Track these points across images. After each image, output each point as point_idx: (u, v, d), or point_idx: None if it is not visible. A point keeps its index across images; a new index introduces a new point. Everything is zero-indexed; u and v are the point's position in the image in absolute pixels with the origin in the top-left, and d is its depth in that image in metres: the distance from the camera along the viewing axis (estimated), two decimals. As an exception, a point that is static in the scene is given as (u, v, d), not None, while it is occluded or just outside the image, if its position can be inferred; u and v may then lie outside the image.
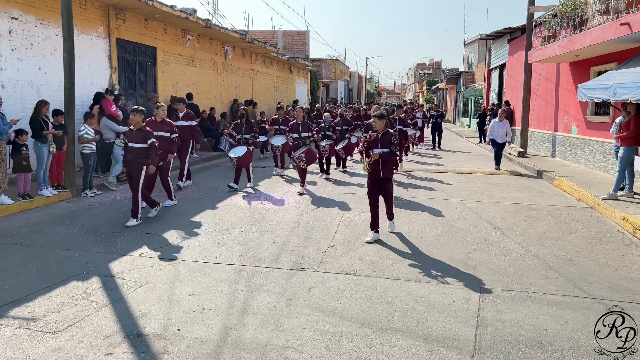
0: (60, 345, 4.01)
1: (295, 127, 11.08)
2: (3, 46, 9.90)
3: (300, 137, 10.93)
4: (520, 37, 19.72)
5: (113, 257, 6.17)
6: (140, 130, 7.85)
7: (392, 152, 6.80)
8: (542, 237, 7.23)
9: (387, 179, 6.95)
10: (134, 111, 7.90)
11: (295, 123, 11.14)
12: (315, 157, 10.28)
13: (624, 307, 4.46)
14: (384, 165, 6.82)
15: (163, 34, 15.70)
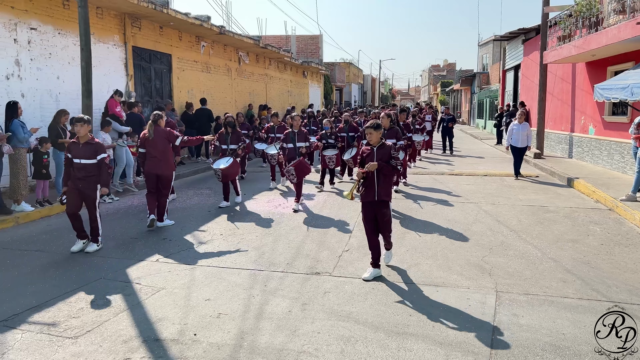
0: (80, 350, 4.08)
1: (291, 137, 9.60)
2: (23, 56, 10.11)
3: (295, 148, 9.52)
4: (535, 37, 19.55)
5: (131, 262, 6.26)
6: (89, 143, 6.63)
7: (392, 166, 5.63)
8: (559, 239, 7.15)
9: (383, 202, 5.66)
10: (79, 121, 6.61)
11: (290, 132, 9.69)
12: (308, 170, 9.23)
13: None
14: (381, 184, 5.63)
15: (178, 41, 15.89)
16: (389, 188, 5.75)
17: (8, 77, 9.80)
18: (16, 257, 6.48)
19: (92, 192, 6.68)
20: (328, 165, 10.83)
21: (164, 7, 13.19)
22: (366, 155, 5.79)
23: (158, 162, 7.74)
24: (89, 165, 6.61)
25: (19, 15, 9.99)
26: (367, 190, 5.67)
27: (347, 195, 5.84)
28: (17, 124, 8.41)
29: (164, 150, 7.79)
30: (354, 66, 51.83)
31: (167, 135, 7.83)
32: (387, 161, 5.62)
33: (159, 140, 7.73)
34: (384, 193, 5.66)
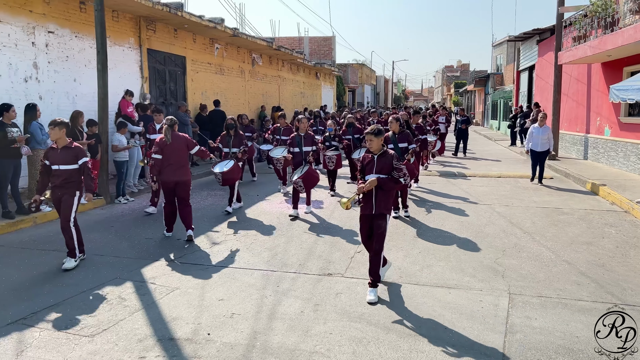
0: (97, 348, 4.15)
1: (297, 140, 9.11)
2: (40, 59, 10.29)
3: (301, 152, 9.03)
4: (550, 38, 19.38)
5: (145, 262, 6.34)
6: (67, 148, 6.20)
7: (393, 179, 5.19)
8: (573, 242, 7.10)
9: (381, 215, 5.24)
10: (53, 124, 6.16)
11: (296, 135, 9.15)
12: (316, 180, 8.80)
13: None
14: (379, 197, 5.22)
15: (192, 44, 16.03)
16: (388, 201, 5.30)
17: (26, 80, 9.98)
18: (34, 256, 6.61)
19: (70, 197, 6.16)
20: (327, 166, 10.48)
21: (178, 10, 13.33)
22: (367, 163, 5.37)
23: (176, 169, 7.23)
24: (70, 170, 6.14)
25: (37, 19, 10.17)
26: (365, 203, 5.31)
27: (343, 205, 5.41)
28: (35, 126, 8.57)
29: (183, 156, 7.35)
30: (367, 67, 51.80)
31: (186, 140, 7.39)
32: (388, 172, 5.18)
33: (177, 145, 7.27)
34: (383, 206, 5.24)
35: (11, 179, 8.22)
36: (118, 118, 11.31)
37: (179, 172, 7.24)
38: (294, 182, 8.55)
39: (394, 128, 8.28)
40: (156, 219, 8.59)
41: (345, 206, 5.41)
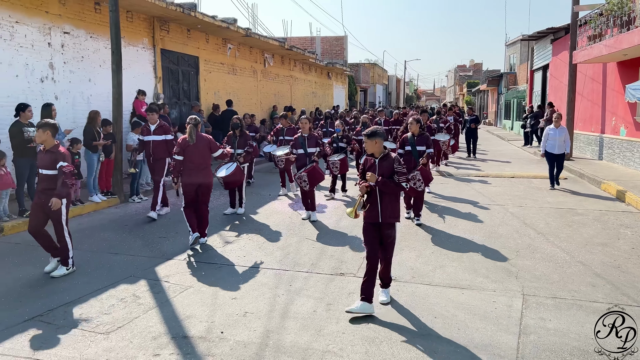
0: (112, 345, 4.20)
1: (300, 141, 8.74)
2: (56, 59, 10.42)
3: (305, 153, 8.71)
4: (564, 37, 19.19)
5: (159, 261, 6.40)
6: (50, 151, 5.81)
7: (394, 181, 4.79)
8: (588, 243, 7.03)
9: (389, 224, 4.89)
10: (37, 126, 5.92)
11: (300, 137, 8.79)
12: (321, 177, 8.49)
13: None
14: (385, 203, 4.83)
15: (205, 44, 16.13)
16: (395, 207, 4.88)
17: (42, 80, 10.11)
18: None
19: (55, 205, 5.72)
20: (332, 171, 9.93)
21: (191, 10, 13.42)
22: (368, 167, 4.95)
23: (199, 171, 6.89)
24: (50, 176, 5.77)
25: (53, 19, 10.30)
26: (370, 209, 4.88)
27: (350, 214, 4.93)
28: (51, 126, 8.66)
29: (205, 157, 7.00)
30: (379, 67, 51.68)
31: (209, 142, 7.05)
32: (390, 176, 4.81)
33: (201, 146, 6.92)
34: (390, 214, 4.84)
35: (27, 177, 8.33)
36: (133, 118, 11.42)
37: (202, 174, 6.91)
38: (299, 177, 8.28)
39: (413, 130, 8.05)
40: (170, 218, 8.66)
41: (353, 215, 4.92)
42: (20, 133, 8.06)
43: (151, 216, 8.53)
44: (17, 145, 8.11)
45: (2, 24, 9.22)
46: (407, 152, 8.04)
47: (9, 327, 4.52)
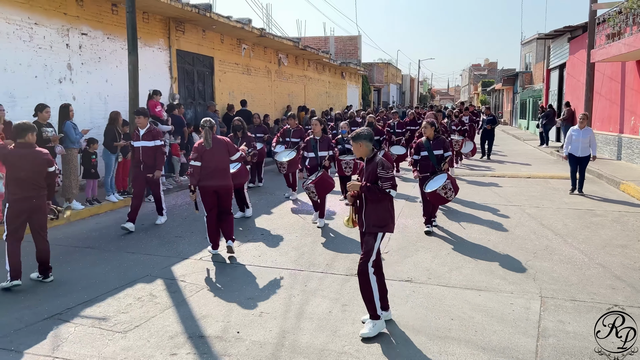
0: (129, 344, 4.24)
1: (312, 145, 8.32)
2: (74, 60, 10.55)
3: (317, 157, 8.23)
4: (582, 35, 18.93)
5: (175, 260, 6.44)
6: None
7: (378, 187, 4.37)
8: (607, 244, 6.92)
9: (369, 233, 4.48)
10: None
11: (312, 139, 8.35)
12: (331, 186, 7.99)
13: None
14: (367, 210, 4.47)
15: (220, 44, 16.20)
16: (379, 216, 4.44)
17: (61, 81, 10.24)
18: (68, 253, 6.78)
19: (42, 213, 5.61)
20: (344, 172, 9.17)
21: (207, 11, 13.49)
22: (359, 171, 4.68)
23: (217, 173, 6.45)
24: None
25: (71, 21, 10.43)
26: (358, 218, 4.60)
27: (346, 223, 4.77)
28: (69, 126, 8.78)
29: (224, 161, 6.57)
30: (393, 66, 51.50)
31: (227, 145, 6.61)
32: (374, 181, 4.41)
33: (219, 150, 6.49)
34: (372, 222, 4.44)
35: (46, 177, 8.44)
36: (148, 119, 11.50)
37: (221, 176, 6.46)
38: (306, 188, 7.83)
39: (428, 134, 7.63)
40: (185, 218, 8.71)
41: (351, 224, 4.69)
42: (38, 133, 8.15)
43: (126, 227, 7.78)
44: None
45: (21, 25, 9.35)
46: (424, 157, 7.65)
47: (28, 325, 4.59)
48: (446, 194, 7.15)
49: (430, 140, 7.64)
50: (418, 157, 7.70)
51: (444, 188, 7.14)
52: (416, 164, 7.72)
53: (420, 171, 7.66)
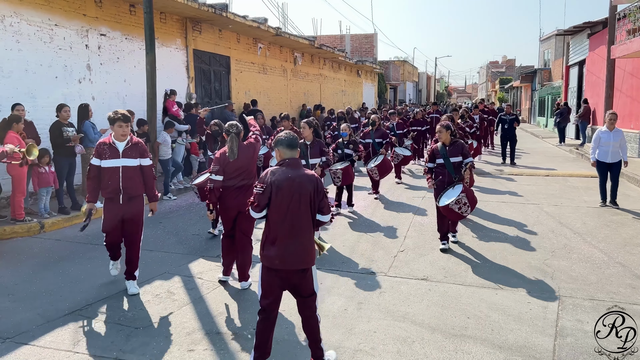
0: (148, 340, 4.30)
1: (302, 151, 6.89)
2: (93, 61, 10.71)
3: (308, 165, 7.21)
4: (602, 31, 18.61)
5: (192, 258, 6.51)
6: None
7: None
8: (627, 243, 6.81)
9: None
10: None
11: (301, 144, 7.07)
12: None
13: None
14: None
15: (236, 44, 16.30)
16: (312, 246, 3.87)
17: (80, 81, 10.41)
18: (88, 250, 6.89)
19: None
20: (334, 182, 8.64)
21: (223, 10, 13.58)
22: None
23: (241, 192, 5.40)
24: None
25: (90, 22, 10.59)
26: None
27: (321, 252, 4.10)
28: (88, 125, 8.93)
29: (249, 172, 5.51)
30: (409, 64, 51.22)
31: (254, 151, 5.58)
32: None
33: (245, 160, 5.43)
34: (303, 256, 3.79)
35: (66, 176, 8.60)
36: (165, 117, 11.64)
37: (245, 195, 5.25)
38: None
39: (444, 138, 6.66)
40: (202, 216, 8.79)
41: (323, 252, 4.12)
42: (60, 132, 8.31)
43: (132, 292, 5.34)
44: (57, 145, 8.37)
45: (42, 27, 9.53)
46: (440, 165, 6.68)
47: (50, 320, 4.69)
48: (460, 209, 6.24)
49: (446, 145, 6.66)
50: (433, 165, 6.76)
51: (458, 202, 6.22)
52: (431, 172, 6.78)
53: (438, 181, 6.69)
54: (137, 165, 5.36)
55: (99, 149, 5.28)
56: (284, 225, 3.70)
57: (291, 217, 3.70)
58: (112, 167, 5.26)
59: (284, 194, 3.69)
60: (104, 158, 5.25)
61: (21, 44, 9.16)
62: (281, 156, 3.87)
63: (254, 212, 3.80)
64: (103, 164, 5.27)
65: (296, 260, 3.74)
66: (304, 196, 3.71)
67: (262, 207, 3.76)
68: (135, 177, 5.35)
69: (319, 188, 3.81)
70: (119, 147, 5.29)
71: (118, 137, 5.30)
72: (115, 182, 5.28)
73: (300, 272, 3.78)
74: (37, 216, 8.08)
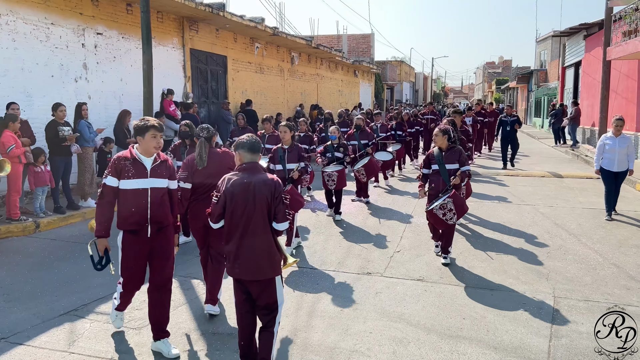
0: (144, 340, 4.30)
1: (279, 155, 7.00)
2: (90, 60, 10.68)
3: (284, 170, 6.89)
4: (598, 32, 18.69)
5: (189, 257, 6.51)
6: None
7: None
8: (622, 244, 6.85)
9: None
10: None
11: (279, 149, 7.06)
12: (299, 205, 6.39)
13: None
14: None
15: (233, 43, 16.28)
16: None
17: (76, 80, 10.38)
18: (84, 250, 6.84)
19: None
20: (327, 185, 8.28)
21: (220, 10, 13.56)
22: None
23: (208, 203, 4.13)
24: None
25: (87, 21, 10.55)
26: None
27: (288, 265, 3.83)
28: (83, 124, 8.90)
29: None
30: (406, 64, 51.27)
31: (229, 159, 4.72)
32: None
33: (216, 170, 4.67)
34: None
35: (62, 175, 8.58)
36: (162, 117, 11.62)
37: None
38: None
39: (440, 143, 6.23)
40: (198, 216, 8.77)
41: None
42: (55, 132, 8.29)
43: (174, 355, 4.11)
44: (53, 144, 8.35)
45: (38, 25, 9.49)
46: (435, 172, 6.23)
47: (45, 320, 4.67)
48: (444, 215, 5.81)
49: (442, 151, 6.20)
50: (428, 171, 6.29)
51: (443, 207, 5.83)
52: (425, 179, 6.34)
53: (431, 189, 6.25)
54: (166, 187, 4.17)
55: (118, 164, 4.00)
56: (240, 234, 3.54)
57: (247, 225, 3.52)
58: (138, 189, 4.00)
59: (238, 201, 3.51)
60: (124, 177, 3.99)
61: (17, 43, 9.12)
62: (241, 160, 3.66)
63: (212, 223, 3.66)
64: (123, 185, 3.99)
65: (254, 270, 3.56)
66: (260, 202, 3.51)
67: (218, 217, 3.60)
68: (165, 203, 4.14)
69: (275, 193, 3.55)
70: (146, 163, 4.06)
71: (148, 150, 4.04)
72: (141, 208, 4.01)
73: (259, 282, 3.59)
74: (32, 215, 8.06)
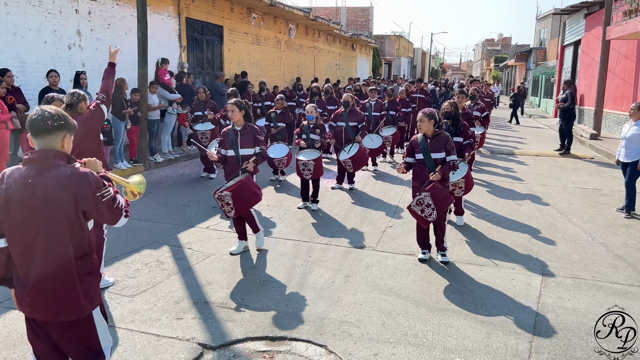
0: (137, 308, 4.35)
1: (230, 138, 5.67)
2: (83, 26, 10.49)
3: (237, 157, 5.66)
4: (599, 11, 18.51)
5: (182, 228, 6.54)
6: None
7: None
8: (612, 224, 6.93)
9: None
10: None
11: (230, 130, 5.71)
12: (256, 198, 5.55)
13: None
14: None
15: (229, 13, 16.02)
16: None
17: (70, 47, 10.21)
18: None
19: None
20: (303, 175, 7.38)
21: (216, -22, 13.30)
22: None
23: None
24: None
25: (80, -14, 10.33)
26: None
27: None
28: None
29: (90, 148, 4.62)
30: (405, 39, 50.68)
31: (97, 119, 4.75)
32: None
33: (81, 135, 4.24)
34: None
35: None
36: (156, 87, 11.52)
37: None
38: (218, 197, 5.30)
39: (425, 129, 5.33)
40: (193, 187, 8.79)
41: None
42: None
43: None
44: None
45: (30, -11, 9.28)
46: (419, 161, 5.45)
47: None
48: (422, 212, 5.17)
49: (427, 138, 5.39)
50: (413, 160, 5.51)
51: (420, 203, 5.17)
52: (409, 169, 5.56)
53: (415, 180, 5.55)
54: None
55: None
56: (25, 256, 2.46)
57: (34, 244, 2.44)
58: None
59: (16, 210, 2.42)
60: None
61: (9, 7, 8.93)
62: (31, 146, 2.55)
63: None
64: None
65: (53, 308, 2.49)
66: (56, 211, 2.42)
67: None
68: None
69: (86, 193, 2.45)
70: None
71: None
72: None
73: (62, 324, 2.53)
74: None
